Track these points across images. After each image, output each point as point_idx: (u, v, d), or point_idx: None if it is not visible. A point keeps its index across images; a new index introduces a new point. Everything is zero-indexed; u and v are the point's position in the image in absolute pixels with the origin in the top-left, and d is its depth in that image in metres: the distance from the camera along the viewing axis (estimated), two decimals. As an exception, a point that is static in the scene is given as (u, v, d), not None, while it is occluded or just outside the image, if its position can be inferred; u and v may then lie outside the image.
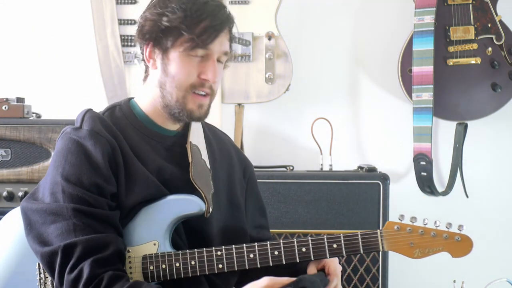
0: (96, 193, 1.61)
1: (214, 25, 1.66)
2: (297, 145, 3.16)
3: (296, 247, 1.65)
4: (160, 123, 1.77)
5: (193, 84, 1.68)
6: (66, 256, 1.56)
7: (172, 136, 1.79)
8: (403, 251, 1.65)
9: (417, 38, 2.87)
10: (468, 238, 1.67)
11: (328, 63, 3.18)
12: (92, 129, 1.66)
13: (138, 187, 1.67)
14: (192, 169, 1.73)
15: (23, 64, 3.18)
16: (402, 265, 2.97)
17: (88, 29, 3.01)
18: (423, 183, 2.95)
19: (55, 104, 3.06)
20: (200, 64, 1.68)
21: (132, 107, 1.79)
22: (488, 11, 2.88)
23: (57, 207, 1.59)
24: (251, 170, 1.97)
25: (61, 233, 1.58)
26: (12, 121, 2.57)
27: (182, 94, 1.68)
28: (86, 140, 1.64)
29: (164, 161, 1.73)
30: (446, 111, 2.94)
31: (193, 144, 1.79)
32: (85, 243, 1.56)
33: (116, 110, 1.77)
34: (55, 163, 1.65)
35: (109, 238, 1.59)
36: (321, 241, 1.65)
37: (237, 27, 2.84)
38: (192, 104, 1.69)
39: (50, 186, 1.63)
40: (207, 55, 1.68)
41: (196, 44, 1.65)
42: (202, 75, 1.68)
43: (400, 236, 1.64)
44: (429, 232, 1.64)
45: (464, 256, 1.67)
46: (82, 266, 1.54)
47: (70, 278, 1.54)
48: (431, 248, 1.65)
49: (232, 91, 2.94)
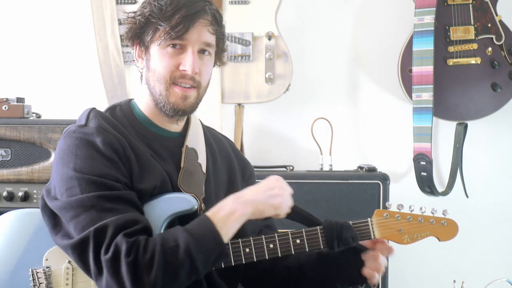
0: (112, 179, 1.59)
1: (188, 14, 1.66)
2: (297, 145, 3.16)
3: (291, 240, 1.68)
4: (160, 124, 1.77)
5: (172, 76, 1.69)
6: (99, 239, 1.52)
7: (172, 138, 1.79)
8: (392, 238, 1.69)
9: (417, 38, 2.87)
10: (453, 222, 1.70)
11: (328, 63, 3.18)
12: (99, 126, 1.65)
13: (153, 175, 1.67)
14: (181, 174, 1.73)
15: (23, 64, 3.18)
16: (402, 265, 2.97)
17: (88, 29, 3.01)
18: (423, 183, 2.95)
19: (55, 104, 3.06)
20: (178, 56, 1.69)
21: (132, 108, 1.79)
22: (488, 11, 2.88)
23: (77, 200, 1.57)
24: (251, 172, 1.97)
25: (88, 222, 1.55)
26: (12, 121, 2.56)
27: (164, 87, 1.70)
28: (94, 136, 1.63)
29: (163, 163, 1.73)
30: (446, 111, 2.94)
31: (189, 147, 1.78)
32: (114, 222, 1.53)
33: (116, 110, 1.78)
34: (63, 161, 1.63)
35: (136, 216, 1.57)
36: (315, 232, 1.68)
37: (237, 27, 2.85)
38: (175, 97, 1.70)
39: (64, 183, 1.61)
40: (184, 45, 1.69)
41: (170, 35, 1.66)
42: (181, 66, 1.69)
43: (389, 223, 1.68)
44: (416, 218, 1.69)
45: (450, 239, 1.70)
46: (117, 241, 1.51)
47: (107, 257, 1.51)
48: (419, 233, 1.69)
49: (232, 91, 2.94)
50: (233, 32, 2.90)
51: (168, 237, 1.53)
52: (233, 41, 2.91)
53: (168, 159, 1.75)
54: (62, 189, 1.61)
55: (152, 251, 1.50)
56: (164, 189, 1.69)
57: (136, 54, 1.76)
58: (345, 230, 1.66)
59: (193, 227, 1.56)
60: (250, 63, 2.93)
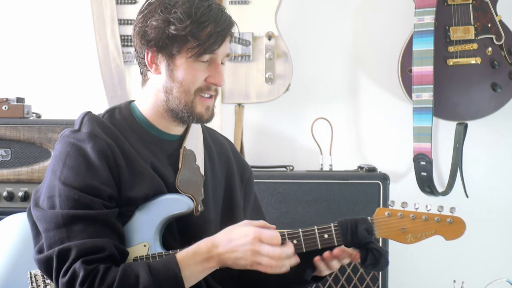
0: (92, 194, 1.60)
1: (219, 30, 1.67)
2: (297, 145, 3.17)
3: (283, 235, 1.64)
4: (161, 127, 1.76)
5: (200, 88, 1.70)
6: (60, 261, 1.55)
7: (172, 141, 1.78)
8: (395, 237, 1.62)
9: (417, 38, 2.88)
10: (460, 219, 1.63)
11: (328, 63, 3.18)
12: (91, 132, 1.65)
13: (145, 182, 1.67)
14: (179, 176, 1.73)
15: (23, 64, 3.18)
16: (402, 265, 2.97)
17: (88, 29, 3.01)
18: (423, 183, 2.95)
19: (55, 104, 3.06)
20: (207, 68, 1.69)
21: (132, 110, 1.78)
22: (488, 11, 2.89)
23: (52, 215, 1.59)
24: (249, 175, 1.95)
25: (56, 241, 1.57)
26: (12, 121, 2.56)
27: (191, 99, 1.69)
28: (85, 142, 1.64)
29: (161, 166, 1.72)
30: (446, 111, 2.94)
31: (187, 149, 1.78)
32: (79, 246, 1.55)
33: (115, 112, 1.77)
34: (53, 167, 1.65)
35: (103, 242, 1.57)
36: (313, 231, 1.62)
37: (237, 27, 2.84)
38: (201, 107, 1.71)
39: (48, 190, 1.63)
40: (213, 59, 1.70)
41: (203, 50, 1.66)
42: (211, 79, 1.70)
43: (391, 222, 1.62)
44: (420, 216, 1.62)
45: (457, 238, 1.62)
46: (75, 267, 1.53)
47: (64, 281, 1.53)
48: (423, 232, 1.62)
49: (232, 91, 2.94)
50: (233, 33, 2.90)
51: (130, 273, 1.54)
52: (233, 41, 2.91)
53: (165, 161, 1.74)
54: (45, 195, 1.63)
55: (110, 284, 1.52)
56: (160, 189, 1.69)
57: (148, 58, 1.71)
58: (359, 223, 1.60)
59: (158, 267, 1.56)
60: (250, 63, 2.93)
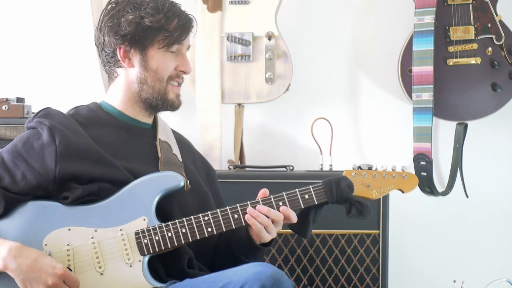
0: (20, 175, 1.76)
1: (183, 23, 1.88)
2: (297, 145, 3.16)
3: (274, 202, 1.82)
4: (132, 116, 1.91)
5: (171, 76, 1.90)
6: None
7: (144, 128, 1.93)
8: (363, 193, 1.88)
9: (417, 38, 2.87)
10: (412, 174, 1.93)
11: (328, 63, 3.18)
12: (44, 121, 1.82)
13: (97, 166, 1.77)
14: (161, 164, 1.86)
15: (23, 64, 3.18)
16: (402, 265, 2.98)
17: (88, 29, 3.01)
18: (423, 183, 2.95)
19: (55, 104, 3.03)
20: (175, 58, 1.90)
21: (100, 105, 1.93)
22: (488, 11, 2.88)
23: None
24: (214, 176, 2.09)
25: None
26: (12, 121, 2.57)
27: (164, 86, 1.88)
28: (37, 130, 1.82)
29: (132, 152, 1.86)
30: (446, 111, 2.94)
31: (162, 140, 1.93)
32: None
33: (81, 108, 1.93)
34: None
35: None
36: (295, 194, 1.84)
37: (237, 27, 2.86)
38: (172, 94, 1.91)
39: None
40: (179, 49, 1.90)
41: (173, 40, 1.86)
42: (180, 67, 1.91)
43: (358, 180, 1.88)
44: (381, 174, 1.91)
45: (413, 189, 1.92)
46: None
47: None
48: (385, 187, 1.90)
49: (232, 91, 2.94)
50: (233, 32, 2.90)
51: None
52: (233, 41, 2.91)
53: (138, 150, 1.88)
54: None
55: None
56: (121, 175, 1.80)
57: (120, 53, 1.87)
58: (341, 181, 1.85)
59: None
60: (250, 63, 2.93)
